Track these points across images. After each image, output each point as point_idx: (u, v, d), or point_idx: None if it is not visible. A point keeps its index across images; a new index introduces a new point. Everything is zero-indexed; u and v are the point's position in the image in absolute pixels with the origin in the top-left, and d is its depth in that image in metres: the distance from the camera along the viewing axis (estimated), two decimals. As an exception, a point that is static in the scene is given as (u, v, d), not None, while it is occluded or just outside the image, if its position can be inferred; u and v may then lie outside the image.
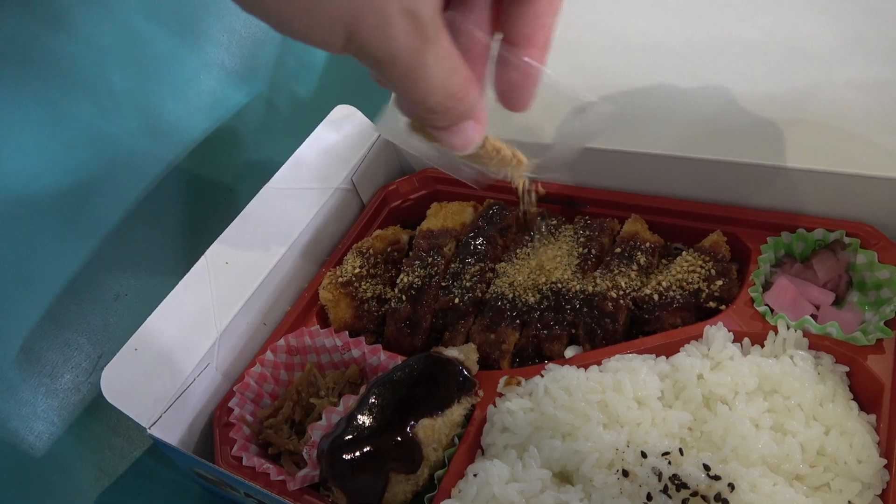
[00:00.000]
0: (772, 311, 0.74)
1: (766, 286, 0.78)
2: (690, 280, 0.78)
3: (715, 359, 0.72)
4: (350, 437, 0.67)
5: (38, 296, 0.88)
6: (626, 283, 0.79)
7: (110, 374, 0.73)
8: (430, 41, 0.37)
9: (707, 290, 0.77)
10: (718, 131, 0.83)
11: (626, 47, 0.90)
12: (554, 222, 0.90)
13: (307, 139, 0.97)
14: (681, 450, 0.64)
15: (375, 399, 0.70)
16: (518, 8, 0.42)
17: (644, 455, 0.64)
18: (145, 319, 0.78)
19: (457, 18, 0.42)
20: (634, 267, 0.81)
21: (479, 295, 0.84)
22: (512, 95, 0.45)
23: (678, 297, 0.77)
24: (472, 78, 0.41)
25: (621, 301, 0.78)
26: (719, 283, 0.77)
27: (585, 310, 0.79)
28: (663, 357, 0.73)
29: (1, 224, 0.88)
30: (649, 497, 0.61)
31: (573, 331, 0.80)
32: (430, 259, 0.88)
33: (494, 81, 0.44)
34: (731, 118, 0.83)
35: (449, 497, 0.66)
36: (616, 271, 0.81)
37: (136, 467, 0.83)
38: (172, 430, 0.76)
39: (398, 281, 0.88)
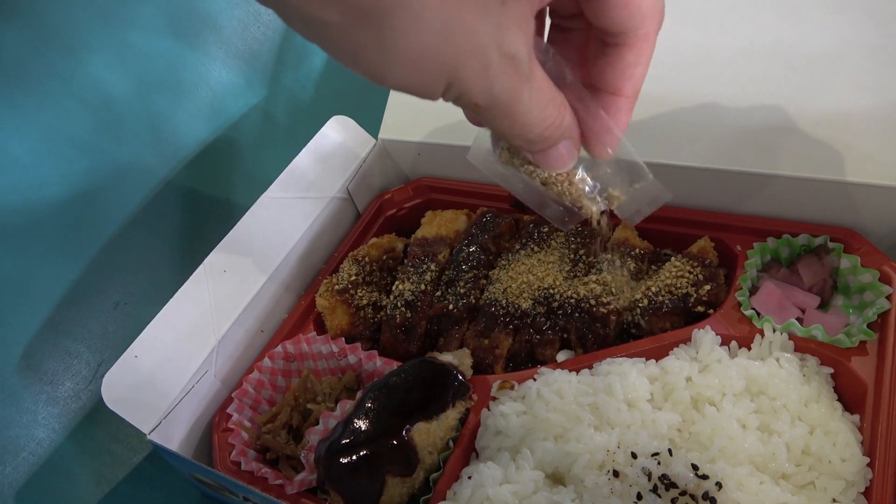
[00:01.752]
0: (758, 314, 0.76)
1: (753, 290, 0.80)
2: (679, 285, 0.80)
3: (703, 362, 0.73)
4: (347, 441, 0.68)
5: (38, 304, 0.89)
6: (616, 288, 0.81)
7: (111, 380, 0.74)
8: (526, 79, 0.37)
9: (695, 295, 0.79)
10: (705, 139, 0.84)
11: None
12: (546, 229, 0.92)
13: (303, 149, 0.98)
14: (670, 450, 0.66)
15: (372, 404, 0.71)
16: (606, 57, 0.42)
17: (634, 456, 0.65)
18: (144, 327, 0.79)
19: (550, 51, 0.42)
20: (625, 272, 0.83)
21: (473, 301, 0.86)
22: (594, 143, 0.44)
23: (667, 301, 0.79)
24: (565, 103, 0.41)
25: (612, 306, 0.80)
26: (707, 287, 0.79)
27: (577, 315, 0.80)
28: (653, 360, 0.75)
29: (0, 234, 0.89)
30: (639, 496, 0.62)
31: (565, 335, 0.81)
32: (424, 266, 0.90)
33: (580, 125, 0.44)
34: (717, 126, 0.84)
35: (444, 499, 0.68)
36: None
37: (136, 473, 0.84)
38: (172, 436, 0.77)
39: (393, 288, 0.89)
